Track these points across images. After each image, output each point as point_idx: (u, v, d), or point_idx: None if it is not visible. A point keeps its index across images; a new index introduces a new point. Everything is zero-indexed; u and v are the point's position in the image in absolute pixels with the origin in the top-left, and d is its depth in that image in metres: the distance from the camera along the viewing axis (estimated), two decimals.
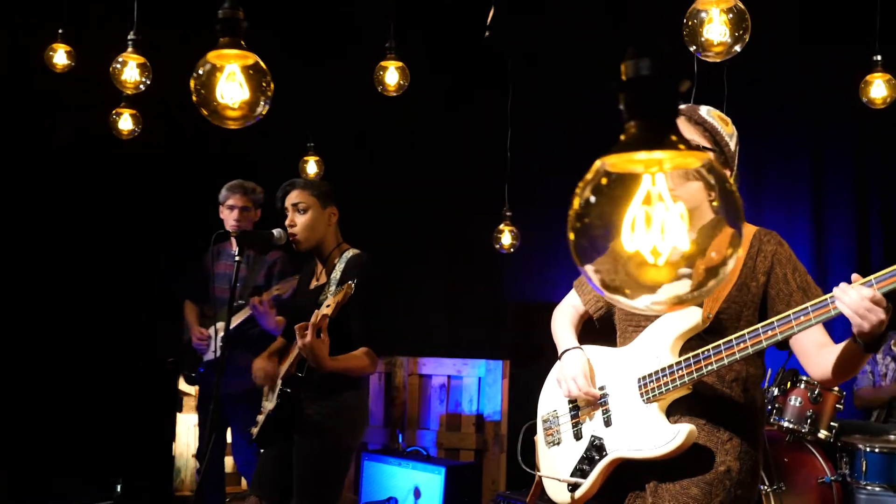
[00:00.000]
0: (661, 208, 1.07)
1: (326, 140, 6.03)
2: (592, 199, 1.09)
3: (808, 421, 4.34)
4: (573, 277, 7.12)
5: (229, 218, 4.55)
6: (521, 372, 6.09)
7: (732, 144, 2.34)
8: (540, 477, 2.63)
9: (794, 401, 4.40)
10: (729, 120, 2.38)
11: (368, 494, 5.41)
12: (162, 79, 4.31)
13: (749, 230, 2.34)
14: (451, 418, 6.07)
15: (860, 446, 4.24)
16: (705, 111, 2.35)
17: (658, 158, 1.04)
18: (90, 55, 4.73)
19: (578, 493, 2.44)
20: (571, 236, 1.10)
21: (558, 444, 2.58)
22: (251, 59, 1.78)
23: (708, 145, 2.29)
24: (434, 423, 6.11)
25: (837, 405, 4.45)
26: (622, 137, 1.01)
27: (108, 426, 6.16)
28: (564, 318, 2.72)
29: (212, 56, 1.78)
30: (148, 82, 3.99)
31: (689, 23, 2.72)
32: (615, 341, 2.61)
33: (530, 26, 5.06)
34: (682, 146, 1.02)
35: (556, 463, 2.56)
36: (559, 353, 2.63)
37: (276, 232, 3.30)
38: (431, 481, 5.05)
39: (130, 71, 3.90)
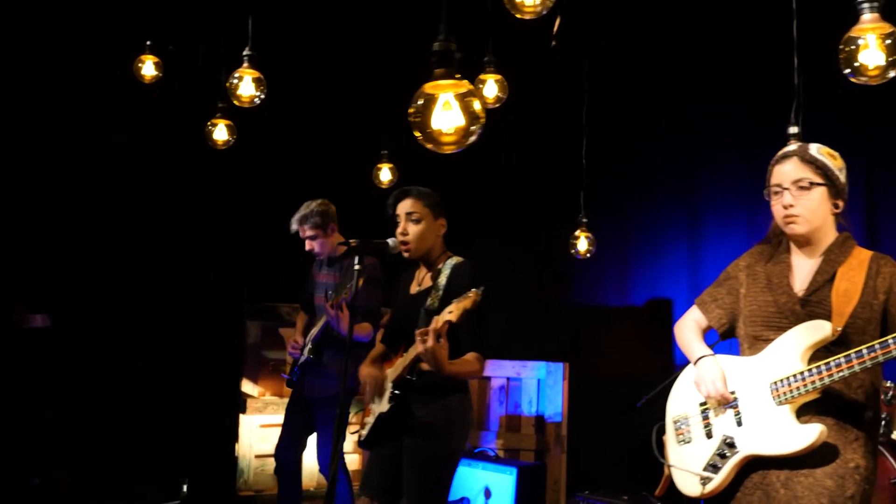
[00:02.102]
0: None
1: (400, 147, 6.12)
2: None
3: (883, 423, 4.45)
4: (641, 282, 7.20)
5: (307, 245, 4.66)
6: (579, 374, 6.19)
7: (842, 177, 2.64)
8: (669, 472, 2.77)
9: None
10: (837, 154, 2.67)
11: None
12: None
13: (865, 254, 2.63)
14: (510, 420, 6.17)
15: None
16: (815, 149, 2.64)
17: None
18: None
19: (710, 486, 2.64)
20: None
21: (689, 442, 2.78)
22: (464, 87, 1.90)
23: (821, 181, 2.59)
24: (494, 424, 6.21)
25: None
26: None
27: (174, 427, 6.28)
28: (691, 331, 2.92)
29: (428, 87, 1.90)
30: (263, 97, 4.10)
31: (846, 48, 2.91)
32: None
33: (603, 34, 5.18)
34: None
35: (686, 459, 2.76)
36: (693, 360, 2.84)
37: (391, 242, 3.38)
38: (502, 481, 5.13)
39: (246, 86, 4.01)
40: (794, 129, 3.83)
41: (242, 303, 6.35)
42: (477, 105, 1.97)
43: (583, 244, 5.68)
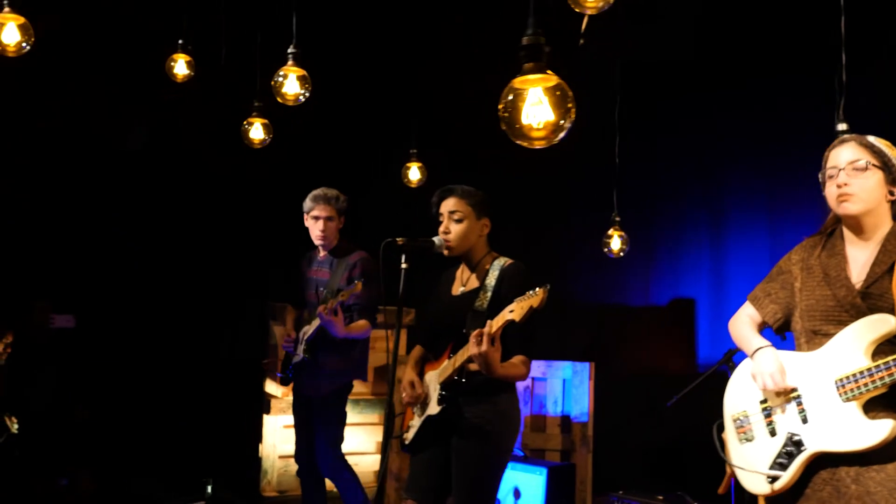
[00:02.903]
0: None
1: (429, 146, 6.12)
2: None
3: None
4: (663, 281, 7.18)
5: (314, 228, 4.59)
6: (602, 373, 6.19)
7: None
8: (731, 470, 2.76)
9: None
10: (893, 146, 2.69)
11: None
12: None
13: None
14: (535, 420, 6.16)
15: None
16: (872, 138, 2.69)
17: None
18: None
19: (778, 484, 2.63)
20: None
21: (751, 440, 2.76)
22: (553, 80, 1.88)
23: (877, 163, 2.62)
24: (519, 424, 6.18)
25: None
26: None
27: (199, 428, 6.27)
28: (746, 325, 2.90)
29: (517, 82, 1.88)
30: (308, 94, 4.09)
31: None
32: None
33: (633, 34, 5.18)
34: None
35: (750, 457, 2.74)
36: (751, 353, 2.81)
37: (436, 240, 3.34)
38: (532, 482, 5.11)
39: (291, 84, 3.99)
40: (842, 126, 3.81)
41: (266, 303, 6.34)
42: (567, 99, 1.95)
43: (616, 243, 5.67)
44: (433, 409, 3.31)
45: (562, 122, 2.00)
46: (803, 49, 5.61)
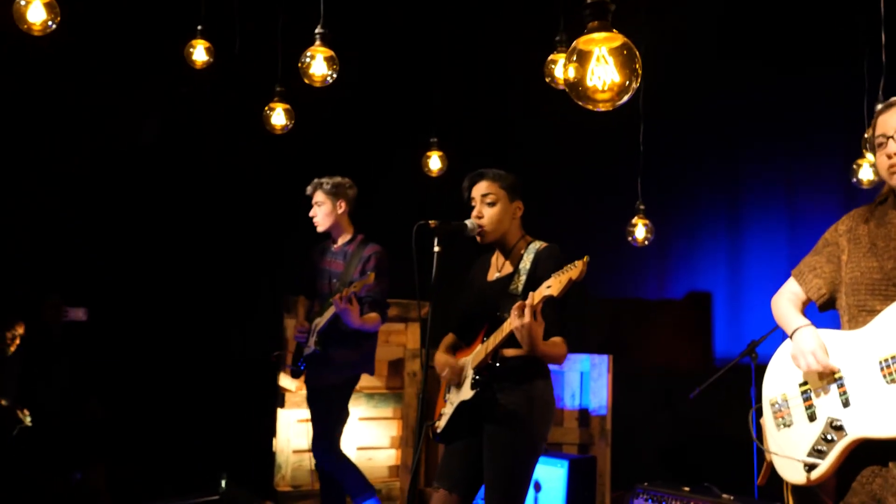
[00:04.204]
0: None
1: (451, 134, 6.06)
2: None
3: None
4: (679, 274, 7.12)
5: (312, 213, 4.70)
6: (619, 367, 6.13)
7: None
8: (770, 458, 2.64)
9: None
10: None
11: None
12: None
13: None
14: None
15: None
16: None
17: None
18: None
19: (816, 473, 2.47)
20: None
21: (789, 426, 2.61)
22: (619, 40, 1.82)
23: None
24: None
25: None
26: None
27: (213, 422, 6.22)
28: (788, 303, 2.73)
29: (582, 42, 1.82)
30: (335, 75, 4.04)
31: None
32: None
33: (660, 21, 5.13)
34: None
35: (788, 444, 2.59)
36: (790, 333, 2.65)
37: (468, 223, 3.28)
38: (553, 474, 5.06)
39: (319, 64, 3.95)
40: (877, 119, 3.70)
41: (280, 297, 6.29)
42: (634, 59, 1.88)
43: (640, 232, 5.61)
44: (466, 393, 3.23)
45: (628, 83, 1.93)
46: (827, 41, 5.56)
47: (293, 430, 6.22)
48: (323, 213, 4.62)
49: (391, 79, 6.71)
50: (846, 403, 2.45)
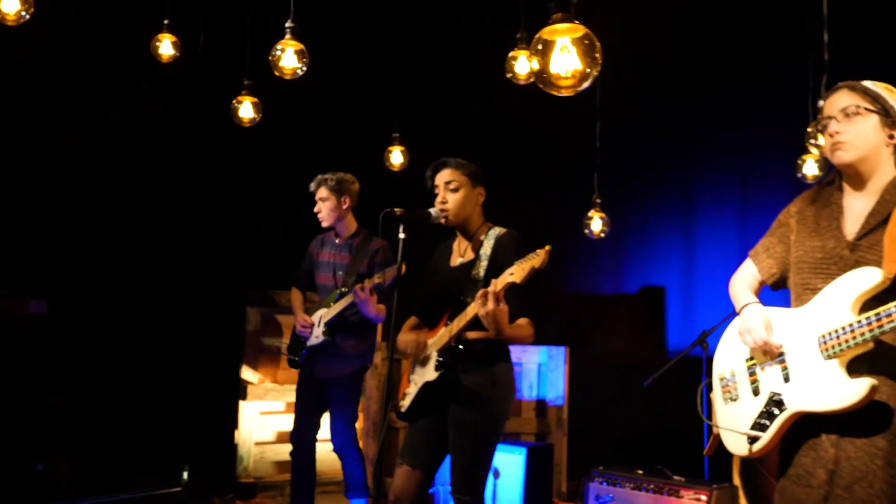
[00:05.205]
0: None
1: (411, 129, 6.15)
2: None
3: None
4: (634, 269, 7.28)
5: (316, 208, 4.75)
6: (577, 358, 6.29)
7: None
8: (718, 431, 2.77)
9: None
10: (894, 88, 2.57)
11: (446, 476, 5.52)
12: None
13: None
14: None
15: None
16: (869, 83, 2.57)
17: None
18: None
19: (757, 445, 2.59)
20: None
21: (735, 400, 2.73)
22: (581, 31, 1.95)
23: (871, 108, 2.50)
24: None
25: None
26: None
27: (175, 414, 6.25)
28: (742, 282, 2.83)
29: (545, 32, 1.95)
30: (305, 69, 4.13)
31: None
32: None
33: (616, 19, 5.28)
34: None
35: (734, 417, 2.71)
36: (738, 309, 2.76)
37: (433, 211, 3.41)
38: (511, 461, 5.17)
39: (289, 57, 4.03)
40: (822, 103, 3.86)
41: (242, 290, 6.35)
42: (594, 49, 2.03)
43: (596, 224, 5.79)
44: (430, 375, 3.35)
45: (588, 70, 2.07)
46: (776, 42, 5.76)
47: (255, 423, 6.28)
48: (328, 208, 4.70)
49: (355, 74, 6.79)
50: (787, 378, 2.55)
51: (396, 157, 5.99)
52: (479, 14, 5.80)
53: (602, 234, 5.85)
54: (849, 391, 2.37)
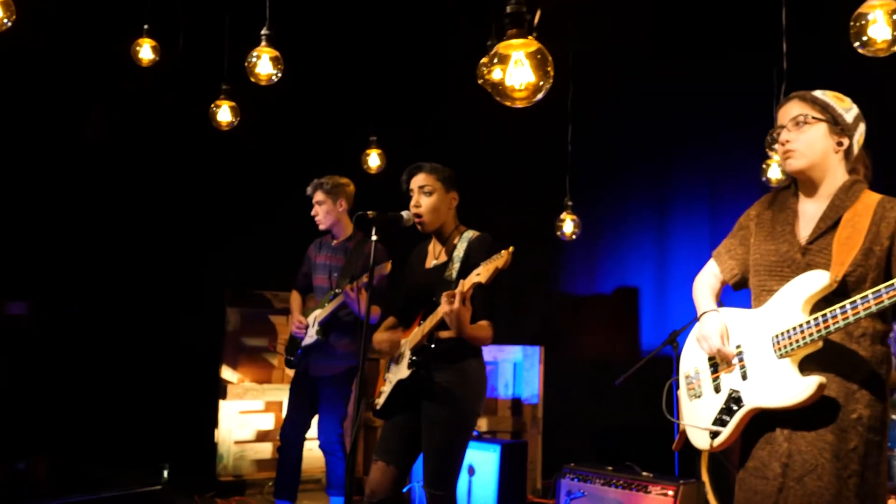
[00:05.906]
0: None
1: (388, 133, 6.24)
2: None
3: None
4: (609, 270, 7.40)
5: (314, 212, 4.87)
6: (552, 358, 6.40)
7: (849, 117, 2.64)
8: (684, 426, 2.90)
9: None
10: (846, 98, 2.69)
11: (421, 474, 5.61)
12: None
13: (873, 198, 2.59)
14: (486, 402, 6.31)
15: None
16: (819, 92, 2.68)
17: None
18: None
19: (718, 440, 2.72)
20: None
21: (699, 396, 2.86)
22: (534, 46, 2.05)
23: (820, 116, 2.61)
24: None
25: None
26: None
27: (155, 413, 6.31)
28: (705, 285, 2.95)
29: (501, 46, 2.05)
30: (280, 75, 4.21)
31: (856, 24, 3.13)
32: None
33: (588, 26, 5.39)
34: None
35: (697, 413, 2.85)
36: (698, 315, 2.89)
37: (405, 214, 3.50)
38: (486, 459, 5.27)
39: (264, 64, 4.11)
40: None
41: (222, 290, 6.41)
42: (546, 63, 2.13)
43: (568, 226, 5.91)
44: (403, 373, 3.45)
45: (541, 83, 2.18)
46: (743, 49, 5.90)
47: (235, 422, 6.35)
48: (324, 211, 4.81)
49: (333, 78, 6.87)
50: (745, 376, 2.68)
51: (374, 160, 6.09)
52: (454, 19, 5.90)
53: (574, 236, 5.97)
54: (799, 388, 2.49)
